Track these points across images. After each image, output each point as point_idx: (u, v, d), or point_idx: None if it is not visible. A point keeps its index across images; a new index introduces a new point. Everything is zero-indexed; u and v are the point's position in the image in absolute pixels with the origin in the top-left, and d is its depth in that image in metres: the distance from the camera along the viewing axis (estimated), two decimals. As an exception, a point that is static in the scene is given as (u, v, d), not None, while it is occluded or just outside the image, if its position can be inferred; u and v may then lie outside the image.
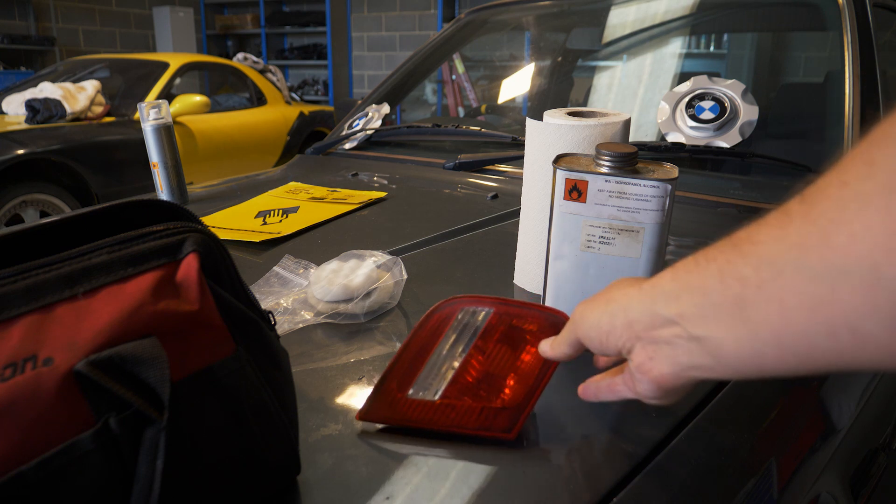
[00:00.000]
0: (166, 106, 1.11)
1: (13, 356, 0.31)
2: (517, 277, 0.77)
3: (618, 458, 0.46)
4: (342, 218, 1.01)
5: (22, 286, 0.32)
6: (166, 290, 0.35)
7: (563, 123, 0.69)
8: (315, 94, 7.36)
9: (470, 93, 3.11)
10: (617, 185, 0.56)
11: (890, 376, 0.75)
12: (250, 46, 7.95)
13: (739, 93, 1.06)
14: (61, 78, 3.84)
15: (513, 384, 0.49)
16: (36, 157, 2.95)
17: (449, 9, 6.40)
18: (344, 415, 0.51)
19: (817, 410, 0.62)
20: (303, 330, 0.65)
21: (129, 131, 3.39)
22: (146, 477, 0.32)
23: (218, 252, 0.39)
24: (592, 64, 1.88)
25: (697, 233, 0.91)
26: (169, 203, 0.39)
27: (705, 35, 3.43)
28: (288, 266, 0.77)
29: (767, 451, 0.52)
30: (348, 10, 7.12)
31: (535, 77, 1.99)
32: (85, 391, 0.31)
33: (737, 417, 0.52)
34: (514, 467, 0.45)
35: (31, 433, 0.30)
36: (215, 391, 0.36)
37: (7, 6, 5.79)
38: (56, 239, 0.37)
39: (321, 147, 1.45)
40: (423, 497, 0.42)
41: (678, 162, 1.04)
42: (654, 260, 0.58)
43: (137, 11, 6.91)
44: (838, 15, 1.13)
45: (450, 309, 0.51)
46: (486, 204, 1.06)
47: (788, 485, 0.52)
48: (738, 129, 1.03)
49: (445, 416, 0.48)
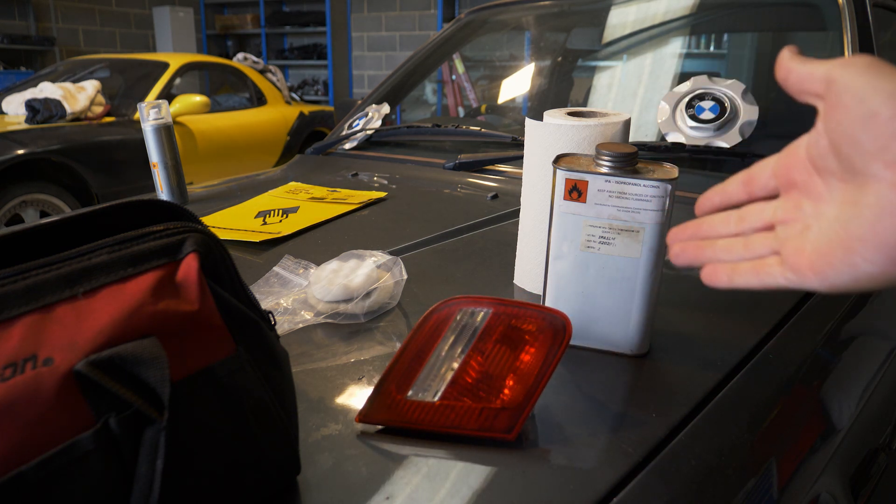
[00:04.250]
0: (166, 106, 1.11)
1: (13, 356, 0.31)
2: (517, 277, 0.77)
3: (618, 458, 0.46)
4: (342, 218, 1.01)
5: (22, 286, 0.32)
6: (166, 290, 0.35)
7: (563, 123, 0.69)
8: (315, 94, 7.36)
9: (470, 93, 3.11)
10: (617, 185, 0.56)
11: (890, 376, 0.75)
12: (250, 46, 7.95)
13: (739, 93, 1.05)
14: (61, 78, 3.84)
15: (512, 384, 0.49)
16: (36, 157, 2.95)
17: (449, 9, 6.40)
18: (344, 415, 0.51)
19: (817, 410, 0.62)
20: (303, 330, 0.65)
21: (129, 131, 3.39)
22: (146, 477, 0.32)
23: (218, 252, 0.39)
24: (592, 64, 1.88)
25: (697, 233, 0.91)
26: (169, 203, 0.39)
27: (705, 35, 3.42)
28: (288, 266, 0.77)
29: (767, 451, 0.52)
30: (348, 10, 7.12)
31: (535, 77, 1.99)
32: (85, 391, 0.31)
33: (737, 417, 0.52)
34: (514, 467, 0.45)
35: (31, 433, 0.30)
36: (215, 391, 0.36)
37: (7, 6, 5.79)
38: (56, 239, 0.37)
39: (321, 147, 1.45)
40: (423, 497, 0.42)
41: (678, 162, 1.05)
42: (655, 260, 0.58)
43: (137, 11, 6.91)
44: (838, 15, 1.13)
45: (448, 310, 0.51)
46: (486, 204, 1.06)
47: (788, 485, 0.52)
48: (738, 129, 1.03)
49: (445, 417, 0.48)
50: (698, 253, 0.41)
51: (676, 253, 0.42)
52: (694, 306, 0.70)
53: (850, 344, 0.72)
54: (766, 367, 0.59)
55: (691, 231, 0.42)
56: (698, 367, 0.58)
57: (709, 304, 0.70)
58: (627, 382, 0.56)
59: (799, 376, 0.61)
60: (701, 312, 0.68)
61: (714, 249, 0.40)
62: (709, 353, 0.60)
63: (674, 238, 0.43)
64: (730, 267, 0.38)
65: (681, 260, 0.42)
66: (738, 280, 0.38)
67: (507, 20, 1.74)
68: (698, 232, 0.41)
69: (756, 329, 0.64)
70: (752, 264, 0.37)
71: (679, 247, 0.42)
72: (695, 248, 0.41)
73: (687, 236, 0.41)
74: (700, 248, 0.41)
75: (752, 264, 0.37)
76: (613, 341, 0.60)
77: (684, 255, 0.42)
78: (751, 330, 0.64)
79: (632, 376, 0.57)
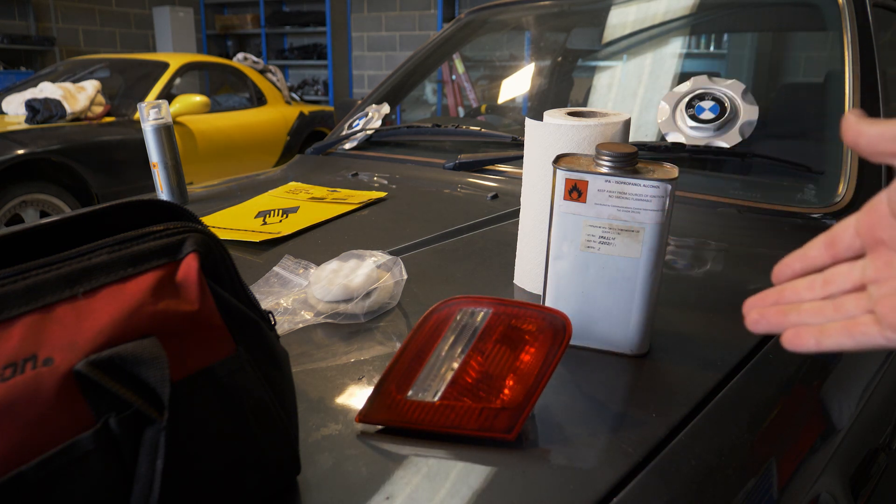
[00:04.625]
0: (166, 106, 1.11)
1: (13, 356, 0.31)
2: (517, 277, 0.77)
3: (618, 458, 0.46)
4: (342, 218, 1.01)
5: (22, 286, 0.32)
6: (166, 290, 0.35)
7: (563, 123, 0.69)
8: (315, 94, 7.36)
9: (470, 93, 3.11)
10: (617, 185, 0.56)
11: (890, 376, 0.75)
12: (250, 46, 7.95)
13: (739, 93, 1.06)
14: (61, 78, 3.84)
15: (512, 384, 0.49)
16: (36, 157, 2.95)
17: (449, 9, 6.40)
18: (344, 415, 0.51)
19: (817, 410, 0.62)
20: (303, 330, 0.65)
21: (129, 131, 3.39)
22: (146, 477, 0.32)
23: (218, 252, 0.39)
24: (592, 64, 1.88)
25: (697, 233, 0.91)
26: (169, 203, 0.39)
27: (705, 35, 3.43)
28: (288, 266, 0.77)
29: (767, 451, 0.52)
30: (348, 10, 7.12)
31: (535, 77, 1.99)
32: (85, 391, 0.31)
33: (737, 417, 0.52)
34: (514, 467, 0.45)
35: (31, 433, 0.30)
36: (215, 391, 0.36)
37: (7, 6, 5.79)
38: (56, 239, 0.37)
39: (321, 147, 1.45)
40: (423, 497, 0.42)
41: (678, 162, 1.05)
42: (654, 260, 0.58)
43: (137, 11, 6.91)
44: (838, 15, 1.13)
45: (448, 310, 0.51)
46: (486, 204, 1.06)
47: (788, 485, 0.52)
48: (738, 129, 1.03)
49: (445, 417, 0.48)
50: (781, 319, 0.38)
51: (755, 319, 0.39)
52: (694, 306, 0.70)
53: (850, 344, 0.72)
54: (766, 367, 0.59)
55: (773, 298, 0.40)
56: (698, 367, 0.58)
57: (709, 304, 0.70)
58: (627, 382, 0.56)
59: (799, 376, 0.61)
60: (701, 312, 0.68)
61: (800, 313, 0.38)
62: (709, 353, 0.60)
63: (752, 305, 0.40)
64: (817, 329, 0.36)
65: (760, 327, 0.39)
66: (827, 342, 0.35)
67: (507, 20, 1.74)
68: (781, 299, 0.39)
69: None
70: (842, 324, 0.35)
71: (758, 312, 0.39)
72: (777, 313, 0.39)
73: (768, 304, 0.39)
74: (783, 313, 0.38)
75: (844, 324, 0.35)
76: (613, 341, 0.60)
77: (764, 322, 0.39)
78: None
79: (632, 376, 0.57)
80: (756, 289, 0.74)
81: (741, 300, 0.71)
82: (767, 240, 0.87)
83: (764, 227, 0.90)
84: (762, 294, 0.40)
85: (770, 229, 0.89)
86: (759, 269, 0.80)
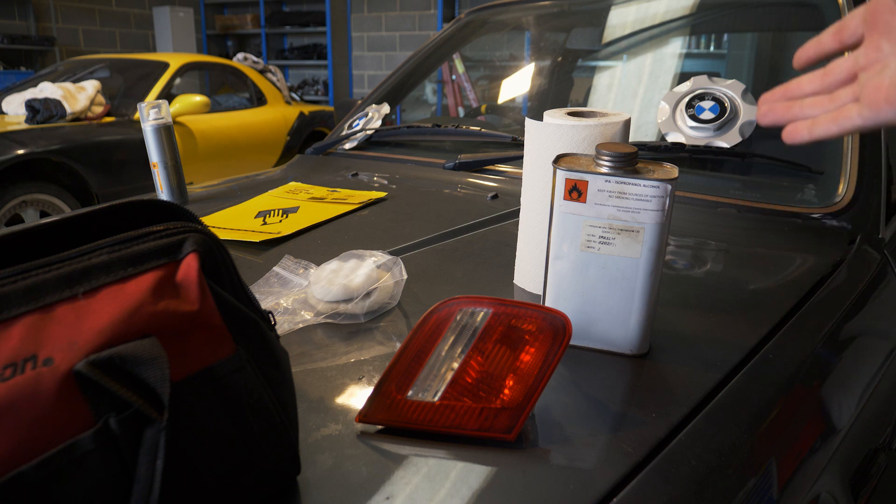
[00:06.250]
0: (166, 106, 1.11)
1: (13, 356, 0.31)
2: (517, 277, 0.77)
3: (618, 458, 0.46)
4: (342, 218, 1.01)
5: (22, 286, 0.32)
6: (166, 290, 0.35)
7: (563, 123, 0.69)
8: (315, 94, 7.36)
9: (470, 93, 3.11)
10: (617, 185, 0.56)
11: (890, 376, 0.75)
12: (250, 46, 7.95)
13: (739, 93, 1.05)
14: (61, 78, 3.84)
15: (512, 384, 0.49)
16: (36, 157, 2.95)
17: (449, 9, 6.40)
18: (344, 415, 0.51)
19: (817, 410, 0.62)
20: (303, 330, 0.65)
21: (129, 131, 3.39)
22: (146, 477, 0.32)
23: (218, 252, 0.39)
24: (592, 64, 1.88)
25: (697, 233, 0.91)
26: (169, 203, 0.39)
27: (705, 35, 3.43)
28: (288, 266, 0.77)
29: (767, 451, 0.52)
30: (348, 10, 7.12)
31: (535, 77, 1.99)
32: (85, 391, 0.31)
33: (737, 417, 0.52)
34: (514, 467, 0.45)
35: (31, 433, 0.30)
36: (215, 391, 0.36)
37: (7, 6, 5.79)
38: (56, 239, 0.37)
39: (321, 147, 1.45)
40: (423, 497, 0.42)
41: (678, 162, 1.05)
42: (654, 260, 0.58)
43: (137, 11, 6.91)
44: (838, 15, 1.13)
45: (448, 310, 0.51)
46: (486, 204, 1.06)
47: (788, 485, 0.52)
48: (738, 129, 1.03)
49: (445, 417, 0.48)
50: (785, 112, 0.43)
51: (764, 112, 0.44)
52: (694, 306, 0.70)
53: (850, 344, 0.72)
54: (766, 367, 0.59)
55: (781, 92, 0.44)
56: (698, 367, 0.58)
57: (709, 304, 0.70)
58: (627, 382, 0.56)
59: (799, 376, 0.61)
60: (701, 312, 0.68)
61: (801, 107, 0.42)
62: (709, 353, 0.60)
63: (764, 100, 0.44)
64: (810, 122, 0.40)
65: (768, 119, 0.44)
66: (817, 131, 0.40)
67: (507, 20, 1.74)
68: (787, 92, 0.43)
69: (756, 329, 0.64)
70: (831, 115, 0.39)
71: (767, 107, 0.43)
72: (783, 108, 0.43)
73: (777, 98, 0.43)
74: (787, 107, 0.43)
75: (832, 114, 0.39)
76: (613, 341, 0.60)
77: (772, 115, 0.44)
78: (751, 330, 0.64)
79: (632, 376, 0.57)
80: (756, 289, 0.74)
81: (741, 300, 0.71)
82: (767, 240, 0.87)
83: (764, 227, 0.90)
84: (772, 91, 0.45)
85: (770, 229, 0.89)
86: (759, 269, 0.79)
